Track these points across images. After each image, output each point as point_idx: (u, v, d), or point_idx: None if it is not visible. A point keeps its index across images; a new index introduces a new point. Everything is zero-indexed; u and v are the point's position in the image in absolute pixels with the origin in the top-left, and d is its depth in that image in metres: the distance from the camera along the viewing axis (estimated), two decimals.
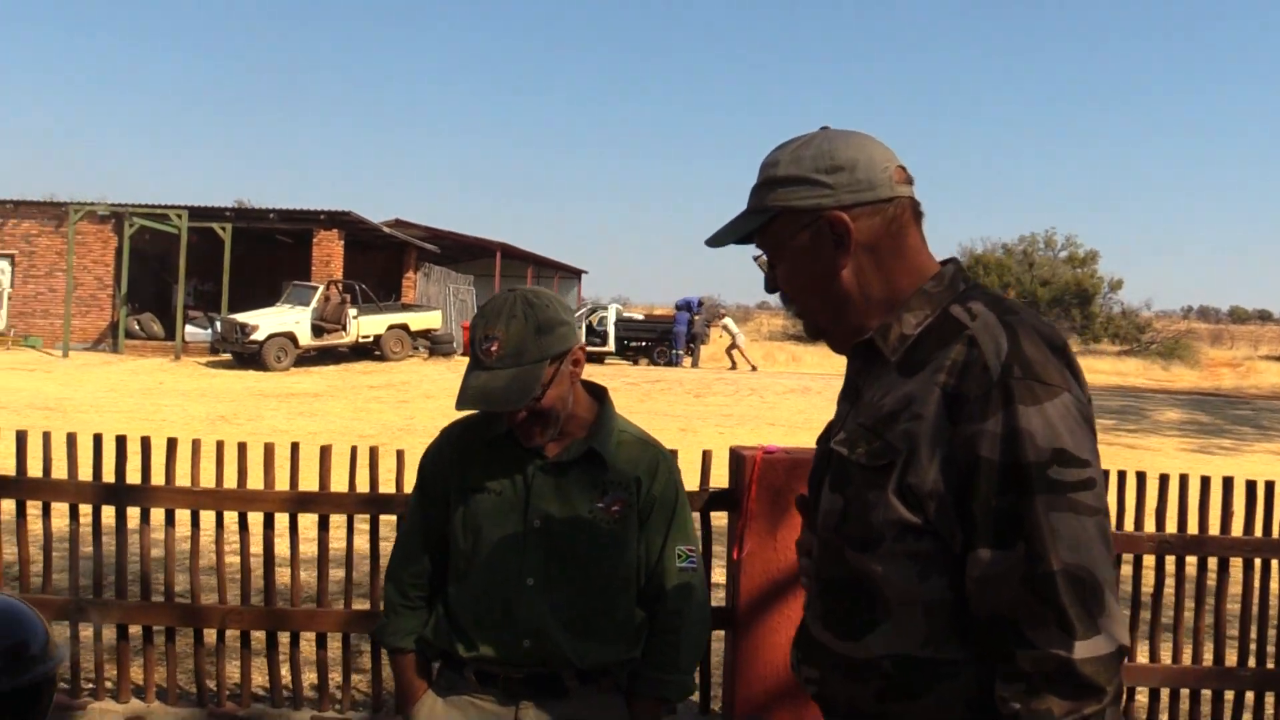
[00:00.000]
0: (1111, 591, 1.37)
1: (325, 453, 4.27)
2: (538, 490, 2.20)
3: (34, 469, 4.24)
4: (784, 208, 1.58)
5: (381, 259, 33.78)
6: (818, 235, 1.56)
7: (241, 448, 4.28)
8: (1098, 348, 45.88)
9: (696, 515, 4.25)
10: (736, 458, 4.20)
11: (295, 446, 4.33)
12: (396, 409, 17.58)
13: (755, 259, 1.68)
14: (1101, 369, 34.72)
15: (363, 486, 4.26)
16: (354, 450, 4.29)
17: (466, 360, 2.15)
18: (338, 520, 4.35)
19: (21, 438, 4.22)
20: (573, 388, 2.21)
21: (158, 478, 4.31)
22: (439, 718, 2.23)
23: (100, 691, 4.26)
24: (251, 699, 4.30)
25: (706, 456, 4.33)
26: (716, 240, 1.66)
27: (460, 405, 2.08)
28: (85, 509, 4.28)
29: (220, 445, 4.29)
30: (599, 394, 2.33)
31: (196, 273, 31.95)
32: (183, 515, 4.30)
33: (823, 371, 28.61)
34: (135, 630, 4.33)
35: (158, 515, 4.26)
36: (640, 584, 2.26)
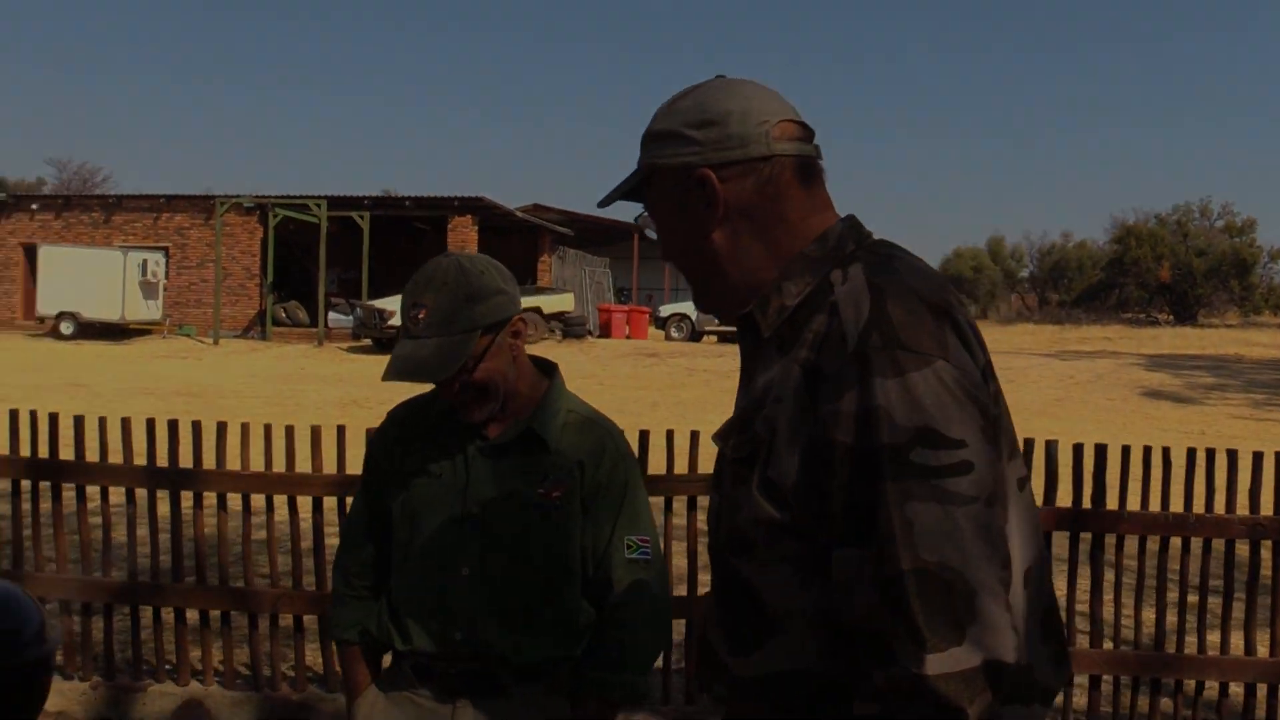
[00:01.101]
0: (990, 595, 1.13)
1: (370, 435, 4.21)
2: (477, 474, 2.06)
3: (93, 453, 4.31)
4: (655, 166, 1.41)
5: (517, 243, 34.16)
6: (687, 196, 1.39)
7: (289, 431, 4.26)
8: (1258, 319, 43.58)
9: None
10: None
11: (341, 429, 4.29)
12: None
13: (636, 219, 1.52)
14: (1261, 341, 32.75)
15: None
16: None
17: (601, 341, 2.01)
18: None
19: (78, 422, 4.28)
20: (515, 362, 2.06)
21: (210, 462, 4.32)
22: (379, 713, 2.10)
23: (160, 673, 4.32)
24: (306, 681, 4.30)
25: None
26: (605, 200, 1.52)
27: (386, 377, 1.95)
28: (141, 493, 4.33)
29: (268, 429, 4.28)
30: (549, 370, 2.18)
31: (339, 261, 32.91)
32: (234, 500, 4.31)
33: None
34: (192, 614, 4.37)
35: (211, 500, 4.29)
36: (588, 576, 2.10)
